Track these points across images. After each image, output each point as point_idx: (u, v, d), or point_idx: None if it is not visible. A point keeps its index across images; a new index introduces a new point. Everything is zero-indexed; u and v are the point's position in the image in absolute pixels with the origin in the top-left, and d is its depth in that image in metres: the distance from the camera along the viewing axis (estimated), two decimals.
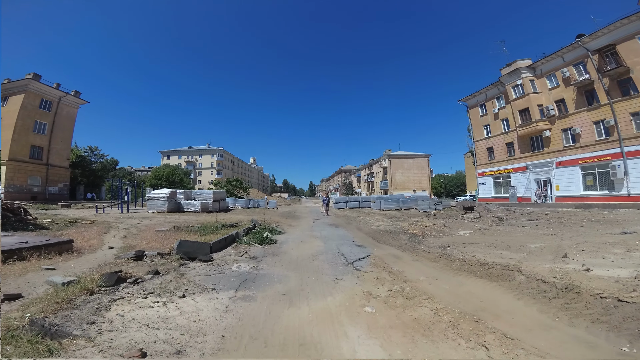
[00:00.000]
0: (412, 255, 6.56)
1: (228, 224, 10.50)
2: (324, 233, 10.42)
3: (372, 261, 6.05)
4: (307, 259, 6.31)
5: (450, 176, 71.63)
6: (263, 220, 12.56)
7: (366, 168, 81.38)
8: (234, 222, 11.69)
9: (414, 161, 63.24)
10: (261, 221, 12.21)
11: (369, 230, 11.19)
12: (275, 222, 13.40)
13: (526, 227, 10.49)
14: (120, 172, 77.35)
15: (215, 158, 79.38)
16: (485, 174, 36.89)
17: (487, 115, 36.84)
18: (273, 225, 11.45)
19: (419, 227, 11.03)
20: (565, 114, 29.06)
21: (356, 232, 11.03)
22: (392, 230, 10.44)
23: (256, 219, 12.25)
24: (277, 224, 12.42)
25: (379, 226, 12.00)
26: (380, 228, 11.36)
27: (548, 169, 30.91)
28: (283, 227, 12.04)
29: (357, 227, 12.62)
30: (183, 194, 19.35)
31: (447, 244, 7.44)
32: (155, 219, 13.99)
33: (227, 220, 12.57)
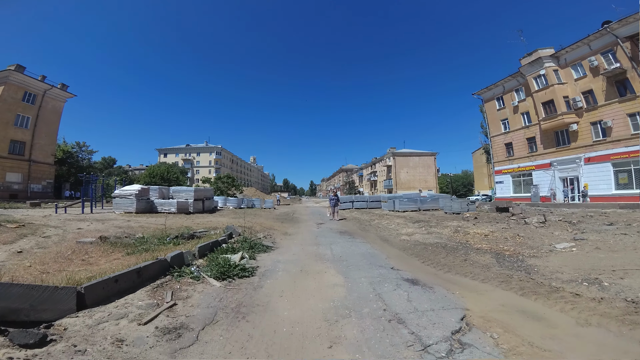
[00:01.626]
0: (567, 314, 2.88)
1: (188, 234, 6.73)
2: (337, 250, 6.56)
3: (490, 343, 2.36)
4: (316, 341, 2.51)
5: (456, 175, 68.03)
6: (249, 226, 8.98)
7: (369, 167, 77.70)
8: (205, 228, 8.01)
9: (419, 159, 59.57)
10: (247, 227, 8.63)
11: (402, 242, 7.49)
12: (266, 228, 9.77)
13: (628, 235, 6.94)
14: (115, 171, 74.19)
15: (213, 156, 75.71)
16: (504, 172, 33.39)
17: (505, 108, 33.59)
18: (259, 236, 7.74)
19: (476, 237, 7.42)
20: (594, 106, 25.69)
21: (385, 246, 7.22)
22: (442, 244, 6.78)
23: (233, 226, 8.37)
24: (267, 232, 8.77)
25: (411, 235, 8.30)
26: (416, 239, 7.67)
27: (575, 166, 27.67)
28: (275, 237, 8.35)
29: (379, 236, 8.87)
30: (157, 191, 15.66)
31: (585, 273, 3.84)
32: (108, 222, 10.37)
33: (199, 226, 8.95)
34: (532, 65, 30.00)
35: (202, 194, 16.56)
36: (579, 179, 27.58)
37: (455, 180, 64.79)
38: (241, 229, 7.99)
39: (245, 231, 7.96)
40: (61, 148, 47.57)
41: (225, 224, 9.91)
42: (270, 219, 13.49)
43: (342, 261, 5.39)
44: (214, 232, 7.18)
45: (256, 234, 7.84)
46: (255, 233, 8.01)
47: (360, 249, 6.73)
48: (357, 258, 5.65)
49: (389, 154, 62.19)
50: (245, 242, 6.17)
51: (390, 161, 60.56)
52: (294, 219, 14.56)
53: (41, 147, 38.89)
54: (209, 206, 17.20)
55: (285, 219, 14.25)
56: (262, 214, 16.60)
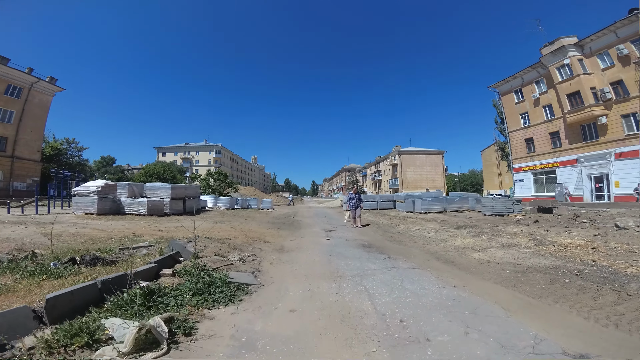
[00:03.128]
0: None
1: (111, 253, 3.78)
2: (381, 293, 3.40)
3: None
4: None
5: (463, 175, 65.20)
6: (226, 237, 6.12)
7: (372, 166, 74.67)
8: (157, 239, 5.16)
9: (426, 158, 56.48)
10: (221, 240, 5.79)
11: (487, 267, 4.55)
12: (253, 239, 6.92)
13: None
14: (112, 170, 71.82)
15: (212, 155, 72.74)
16: (524, 169, 30.55)
17: (525, 101, 30.86)
18: (233, 258, 4.67)
19: (581, 250, 4.56)
20: (625, 97, 23.06)
21: (467, 279, 4.06)
22: (567, 270, 3.91)
23: (182, 242, 5.17)
24: (252, 248, 5.86)
25: (482, 251, 5.50)
26: (500, 258, 4.86)
27: (605, 162, 24.95)
28: (263, 257, 5.32)
29: (430, 253, 5.94)
30: (126, 188, 12.82)
31: None
32: (48, 226, 7.56)
33: (155, 234, 6.14)
34: (555, 54, 27.41)
35: (182, 192, 13.71)
36: (609, 176, 24.96)
37: (463, 179, 62.05)
38: (205, 244, 5.06)
39: (206, 249, 4.92)
40: (50, 144, 45.03)
41: (199, 232, 7.10)
42: (264, 224, 10.59)
43: (416, 342, 2.30)
44: (157, 249, 4.28)
45: (230, 254, 4.89)
46: (230, 250, 5.09)
47: (425, 288, 3.58)
48: (442, 324, 2.60)
49: (394, 152, 59.15)
50: (192, 275, 3.30)
51: (395, 159, 57.51)
52: (295, 224, 11.56)
53: (26, 143, 36.38)
54: (193, 207, 14.39)
55: (283, 224, 11.25)
56: (256, 217, 13.74)
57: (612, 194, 24.13)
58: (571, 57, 26.26)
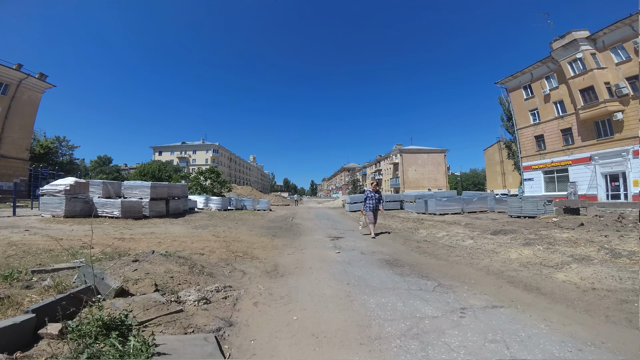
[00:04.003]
0: None
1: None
2: None
3: None
4: None
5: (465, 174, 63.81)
6: (187, 255, 4.51)
7: (372, 165, 73.03)
8: (75, 261, 3.40)
9: (428, 156, 54.91)
10: (184, 258, 4.21)
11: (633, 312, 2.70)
12: (236, 253, 5.29)
13: None
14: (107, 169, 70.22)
15: (210, 154, 70.87)
16: (533, 168, 29.14)
17: (534, 97, 29.50)
18: (190, 298, 2.74)
19: None
20: None
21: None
22: None
23: (99, 271, 2.89)
24: (226, 276, 4.06)
25: (601, 281, 3.61)
26: (609, 286, 3.24)
27: (621, 160, 23.57)
28: (241, 293, 3.32)
29: (515, 282, 3.86)
30: (100, 187, 11.16)
31: None
32: None
33: (103, 246, 4.60)
34: (566, 48, 26.06)
35: (165, 192, 12.02)
36: (625, 175, 23.58)
37: (465, 179, 60.69)
38: (153, 267, 3.39)
39: (146, 278, 3.08)
40: (40, 143, 43.34)
41: (168, 242, 5.51)
42: (256, 229, 8.94)
43: None
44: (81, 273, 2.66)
45: (186, 286, 3.14)
46: (190, 278, 3.32)
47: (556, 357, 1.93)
48: None
49: (395, 150, 57.53)
50: (86, 344, 1.58)
51: (397, 158, 55.90)
52: (293, 229, 9.82)
53: (13, 141, 34.73)
54: (179, 208, 12.78)
55: (279, 229, 9.53)
56: (249, 219, 12.12)
57: (630, 193, 22.71)
58: (584, 51, 24.95)
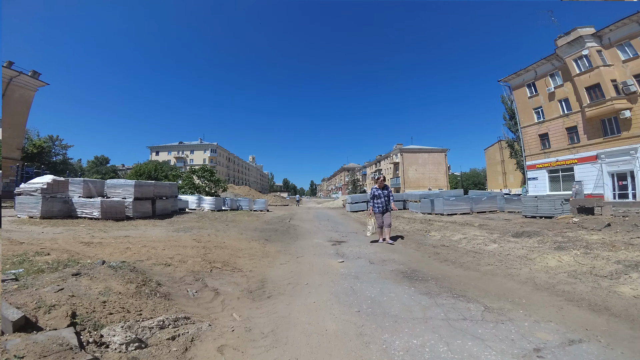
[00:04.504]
0: None
1: None
2: None
3: None
4: None
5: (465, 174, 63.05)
6: (146, 268, 3.57)
7: (372, 165, 72.06)
8: (12, 271, 2.51)
9: (429, 156, 54.02)
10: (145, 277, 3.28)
11: None
12: (214, 264, 4.21)
13: None
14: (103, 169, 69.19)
15: (207, 154, 69.70)
16: (538, 167, 28.33)
17: (539, 95, 28.72)
18: (112, 337, 1.71)
19: None
20: None
21: None
22: None
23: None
24: (189, 299, 3.00)
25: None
26: None
27: (629, 158, 22.82)
28: (201, 329, 2.19)
29: (577, 301, 2.88)
30: (81, 186, 10.19)
31: None
32: None
33: (48, 253, 3.65)
34: (572, 45, 25.33)
35: (151, 191, 11.02)
36: (634, 174, 22.81)
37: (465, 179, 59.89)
38: (93, 283, 2.42)
39: (62, 304, 2.00)
40: (33, 142, 42.25)
41: (147, 244, 4.55)
42: (248, 232, 7.92)
43: None
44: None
45: (121, 317, 2.01)
46: (134, 302, 2.25)
47: None
48: None
49: (395, 150, 56.58)
50: None
51: (397, 158, 54.95)
52: (290, 232, 8.83)
53: (4, 141, 33.67)
54: (166, 208, 11.78)
55: (274, 232, 8.56)
56: (243, 221, 11.13)
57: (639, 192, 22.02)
58: (589, 48, 24.26)
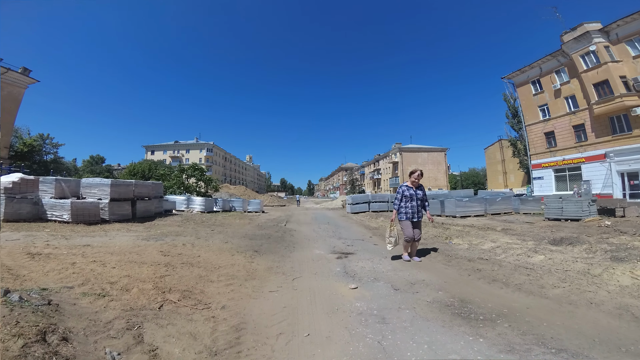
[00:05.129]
0: None
1: None
2: None
3: None
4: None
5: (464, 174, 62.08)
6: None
7: (371, 164, 70.77)
8: None
9: (428, 155, 52.83)
10: None
11: None
12: (166, 297, 2.85)
13: None
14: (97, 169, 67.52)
15: (204, 153, 67.98)
16: (543, 166, 27.22)
17: (544, 93, 27.63)
18: None
19: None
20: None
21: None
22: None
23: None
24: None
25: None
26: None
27: None
28: None
29: None
30: (53, 185, 8.86)
31: None
32: None
33: None
34: (578, 41, 24.27)
35: (130, 191, 9.68)
36: None
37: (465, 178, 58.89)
38: None
39: None
40: (24, 141, 40.56)
41: (99, 259, 3.26)
42: (235, 240, 6.52)
43: None
44: None
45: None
46: None
47: None
48: None
49: (394, 149, 55.35)
50: None
51: (396, 157, 53.71)
52: (286, 239, 7.46)
53: None
54: (149, 210, 10.43)
55: (267, 239, 7.20)
56: (232, 225, 9.78)
57: None
58: (597, 43, 23.25)
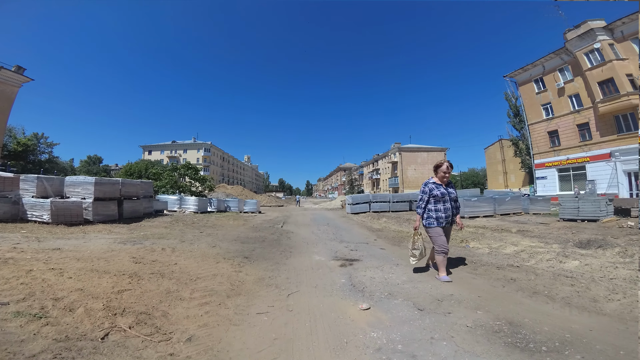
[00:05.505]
0: None
1: None
2: None
3: None
4: None
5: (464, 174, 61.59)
6: None
7: (370, 164, 70.02)
8: None
9: (428, 155, 52.12)
10: None
11: None
12: (115, 316, 2.15)
13: None
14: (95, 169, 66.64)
15: (201, 153, 66.99)
16: (547, 165, 26.64)
17: (547, 91, 27.11)
18: None
19: None
20: None
21: None
22: None
23: None
24: None
25: None
26: None
27: None
28: None
29: None
30: (34, 183, 8.17)
31: None
32: None
33: None
34: (583, 38, 23.76)
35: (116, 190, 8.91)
36: None
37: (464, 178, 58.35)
38: None
39: None
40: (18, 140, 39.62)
41: (58, 266, 2.55)
42: (224, 243, 5.72)
43: None
44: None
45: None
46: None
47: None
48: None
49: (393, 149, 54.64)
50: None
51: (395, 157, 53.00)
52: (282, 242, 6.74)
53: None
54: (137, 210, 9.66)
55: (260, 243, 6.40)
56: (225, 226, 9.02)
57: None
58: (601, 41, 22.78)
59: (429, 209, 3.74)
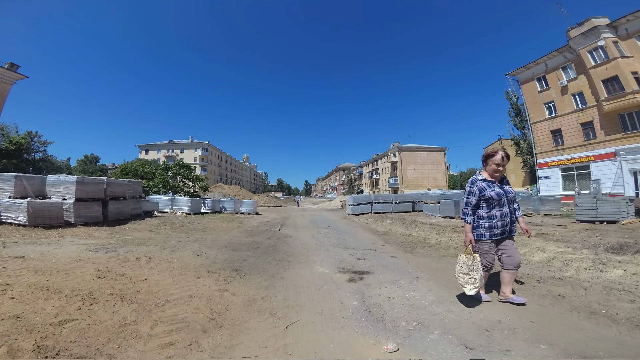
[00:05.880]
0: None
1: None
2: None
3: None
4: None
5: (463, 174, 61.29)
6: None
7: (369, 164, 69.36)
8: None
9: (428, 155, 51.63)
10: None
11: None
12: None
13: None
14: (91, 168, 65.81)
15: (199, 153, 66.08)
16: (550, 165, 26.15)
17: (550, 89, 26.64)
18: None
19: None
20: None
21: None
22: None
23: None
24: None
25: None
26: None
27: None
28: None
29: None
30: (12, 182, 7.57)
31: None
32: None
33: None
34: (586, 36, 22.81)
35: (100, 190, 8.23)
36: None
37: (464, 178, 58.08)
38: None
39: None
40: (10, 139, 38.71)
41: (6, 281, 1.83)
42: (212, 250, 4.87)
43: None
44: None
45: None
46: None
47: None
48: None
49: (393, 148, 54.06)
50: None
51: (395, 157, 52.42)
52: (279, 248, 6.01)
53: None
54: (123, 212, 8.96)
55: (254, 250, 5.62)
56: (217, 229, 8.35)
57: None
58: (605, 38, 22.37)
59: (480, 216, 2.84)
